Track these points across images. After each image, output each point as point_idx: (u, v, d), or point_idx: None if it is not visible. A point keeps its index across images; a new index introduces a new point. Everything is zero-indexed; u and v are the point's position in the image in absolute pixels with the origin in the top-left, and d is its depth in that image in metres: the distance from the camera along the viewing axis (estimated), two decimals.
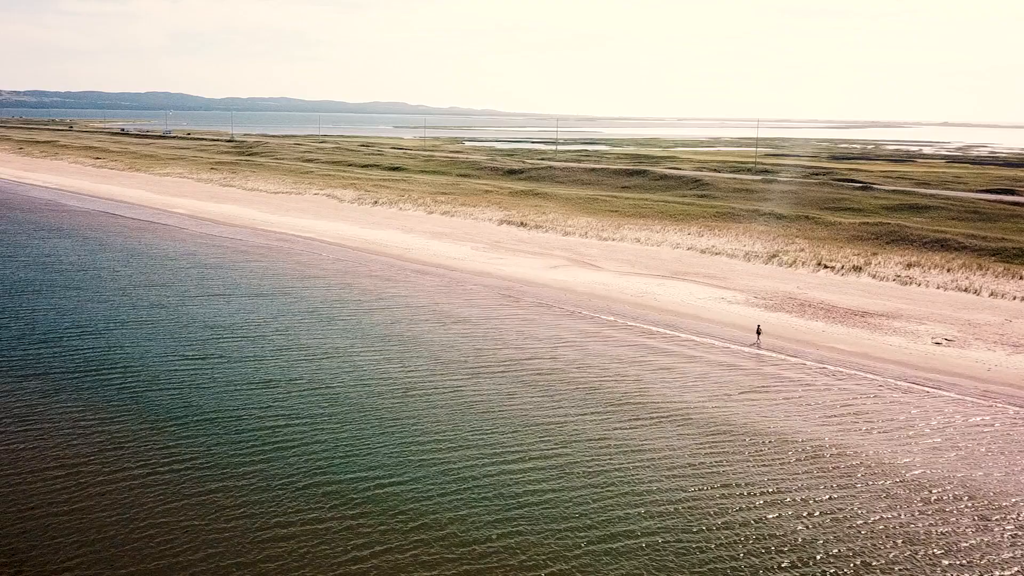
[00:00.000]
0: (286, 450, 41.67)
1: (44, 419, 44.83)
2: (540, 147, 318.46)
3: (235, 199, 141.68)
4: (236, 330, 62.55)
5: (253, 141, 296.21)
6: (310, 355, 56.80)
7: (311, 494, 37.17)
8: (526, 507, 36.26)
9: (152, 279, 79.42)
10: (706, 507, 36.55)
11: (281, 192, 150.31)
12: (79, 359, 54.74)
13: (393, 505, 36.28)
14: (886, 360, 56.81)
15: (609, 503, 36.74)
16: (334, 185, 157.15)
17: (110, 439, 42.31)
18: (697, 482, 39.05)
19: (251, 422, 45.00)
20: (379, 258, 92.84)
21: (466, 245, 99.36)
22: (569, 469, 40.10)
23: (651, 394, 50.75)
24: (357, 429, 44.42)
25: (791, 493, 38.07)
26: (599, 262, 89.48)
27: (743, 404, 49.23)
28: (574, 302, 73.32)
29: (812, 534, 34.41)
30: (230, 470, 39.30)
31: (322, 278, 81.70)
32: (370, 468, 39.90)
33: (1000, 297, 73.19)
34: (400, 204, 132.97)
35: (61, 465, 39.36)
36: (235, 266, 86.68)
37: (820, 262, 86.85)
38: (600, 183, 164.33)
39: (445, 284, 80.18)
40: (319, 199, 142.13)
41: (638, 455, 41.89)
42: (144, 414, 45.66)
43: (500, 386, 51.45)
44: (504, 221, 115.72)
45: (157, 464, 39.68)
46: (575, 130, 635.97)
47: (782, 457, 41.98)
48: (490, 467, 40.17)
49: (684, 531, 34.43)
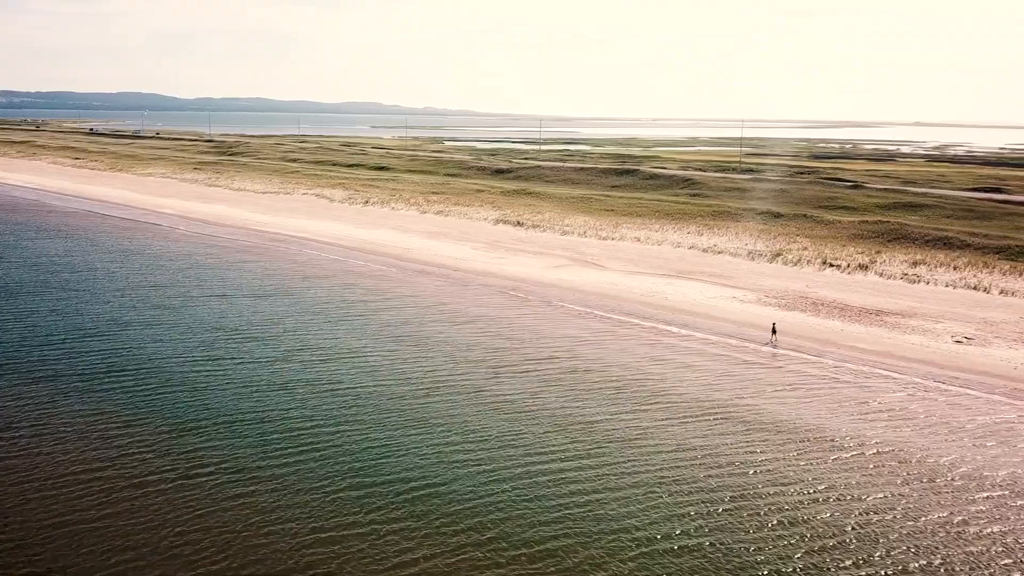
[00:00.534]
0: (314, 454, 40.41)
1: (60, 424, 43.31)
2: (521, 147, 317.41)
3: (223, 199, 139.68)
4: (246, 331, 61.11)
5: (233, 141, 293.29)
6: (324, 356, 55.49)
7: (347, 498, 35.95)
8: (570, 508, 35.22)
9: (152, 280, 77.68)
10: (762, 505, 35.68)
11: (269, 192, 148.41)
12: (92, 361, 53.14)
13: (433, 509, 35.13)
14: (909, 359, 56.24)
15: (660, 502, 35.77)
16: (322, 185, 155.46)
17: (131, 444, 40.90)
18: (747, 480, 38.23)
19: (274, 425, 43.68)
20: (379, 258, 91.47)
21: (465, 245, 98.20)
22: (611, 469, 39.11)
23: (679, 392, 49.89)
24: (384, 431, 43.21)
25: (842, 490, 37.33)
26: (602, 261, 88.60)
27: (776, 402, 48.45)
28: (583, 301, 72.37)
29: (870, 531, 33.60)
30: (260, 474, 38.01)
31: (325, 278, 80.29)
32: (404, 471, 38.74)
33: (1011, 295, 72.97)
34: (392, 204, 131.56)
35: (84, 471, 37.90)
36: (234, 267, 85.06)
37: (825, 260, 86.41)
38: (590, 182, 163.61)
39: (450, 284, 79.02)
40: (308, 199, 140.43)
41: (681, 453, 41.01)
42: (163, 418, 44.24)
43: (523, 386, 50.40)
44: (500, 221, 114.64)
45: (183, 469, 38.33)
46: (553, 130, 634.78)
47: (826, 454, 41.22)
48: (526, 468, 39.10)
49: (742, 530, 33.51)
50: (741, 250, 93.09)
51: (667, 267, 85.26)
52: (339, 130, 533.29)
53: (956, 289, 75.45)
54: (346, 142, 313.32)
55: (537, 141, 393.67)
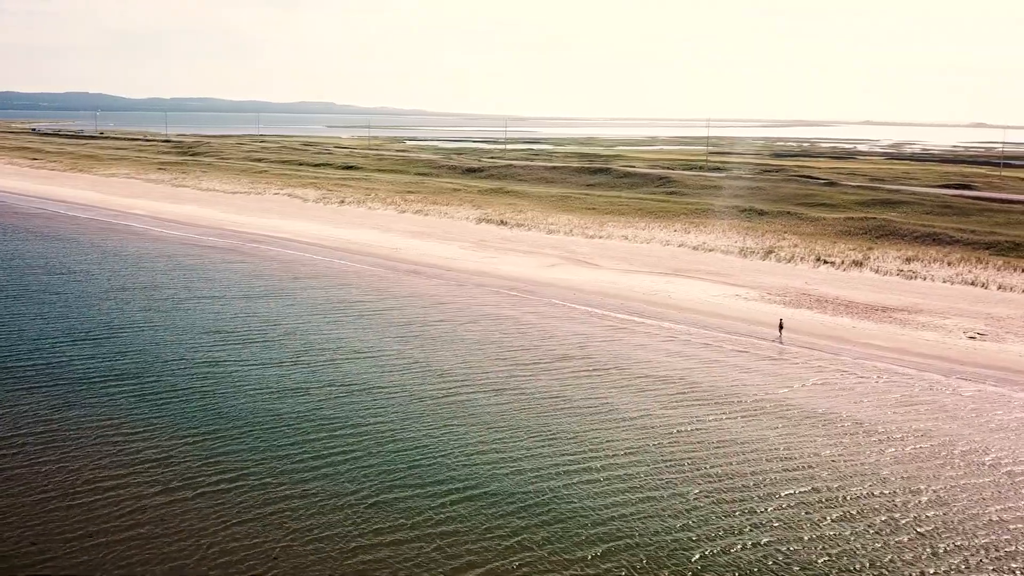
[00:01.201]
0: (343, 461, 38.73)
1: (66, 435, 41.14)
2: (484, 147, 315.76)
3: (193, 200, 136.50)
4: (248, 334, 59.10)
5: (193, 141, 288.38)
6: (332, 358, 53.73)
7: (387, 508, 34.39)
8: (630, 505, 33.96)
9: (138, 282, 75.17)
10: (837, 498, 34.80)
11: (240, 192, 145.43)
12: (98, 366, 50.89)
13: (481, 518, 33.65)
14: (926, 355, 55.89)
15: (730, 498, 34.66)
16: (293, 184, 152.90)
17: (148, 454, 38.91)
18: (816, 473, 37.39)
19: (295, 431, 41.90)
20: (366, 258, 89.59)
21: (452, 244, 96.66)
22: (669, 466, 38.00)
23: (711, 389, 49.07)
24: (410, 435, 41.63)
25: (902, 482, 36.74)
26: (595, 260, 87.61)
27: (809, 396, 47.83)
28: (586, 301, 71.28)
29: (938, 525, 32.82)
30: (290, 485, 36.23)
31: (314, 279, 78.31)
32: (441, 473, 37.27)
33: (1009, 290, 73.23)
34: (368, 203, 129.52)
35: (103, 485, 35.87)
36: (220, 268, 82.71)
37: (819, 257, 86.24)
38: (564, 181, 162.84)
39: (445, 284, 77.47)
40: (281, 199, 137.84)
41: (739, 447, 40.20)
42: (177, 427, 42.25)
43: (546, 384, 49.10)
44: (482, 220, 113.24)
45: (206, 481, 36.41)
46: (510, 130, 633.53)
47: (873, 446, 40.60)
48: (574, 470, 37.80)
49: (814, 525, 32.54)
50: (732, 247, 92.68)
51: (662, 265, 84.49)
52: (294, 130, 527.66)
53: (954, 285, 75.56)
54: (307, 142, 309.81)
55: (499, 140, 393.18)
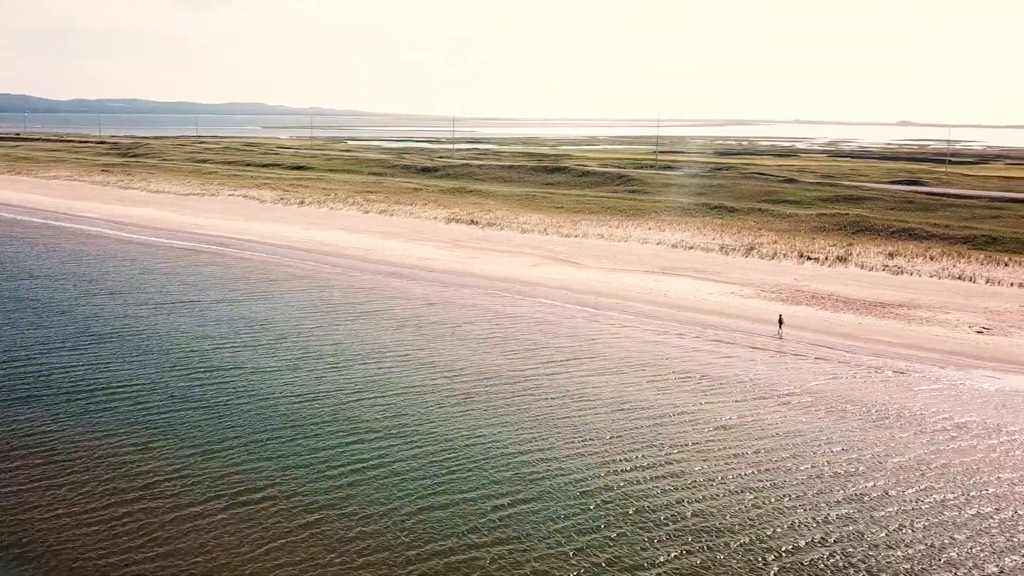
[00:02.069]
0: (371, 471, 36.58)
1: (63, 452, 38.26)
2: (430, 146, 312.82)
3: (144, 202, 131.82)
4: (240, 339, 56.26)
5: (131, 142, 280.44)
6: (337, 362, 51.30)
7: (430, 521, 32.43)
8: (688, 503, 32.44)
9: (109, 288, 71.61)
10: (913, 496, 33.65)
11: (192, 194, 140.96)
12: (94, 379, 47.77)
13: (534, 532, 31.85)
14: (939, 351, 55.43)
15: (793, 493, 33.33)
16: (246, 185, 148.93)
17: (166, 470, 36.26)
18: (885, 471, 36.16)
19: (312, 440, 39.53)
20: (341, 260, 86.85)
21: (427, 245, 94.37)
22: (728, 461, 36.47)
23: (743, 383, 47.83)
24: (436, 442, 39.59)
25: (969, 475, 35.65)
26: (577, 259, 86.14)
27: (849, 390, 46.71)
28: (578, 300, 69.69)
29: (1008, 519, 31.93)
30: (320, 498, 33.98)
31: (293, 280, 75.45)
32: (480, 487, 35.26)
33: (997, 284, 73.54)
34: (329, 204, 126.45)
35: (121, 503, 33.23)
36: (192, 272, 79.30)
37: (801, 254, 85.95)
38: (523, 180, 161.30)
39: (430, 285, 75.24)
40: (237, 200, 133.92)
41: (799, 440, 38.79)
42: (189, 439, 39.60)
43: (565, 385, 47.33)
44: (451, 219, 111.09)
45: (233, 496, 34.03)
46: (448, 129, 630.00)
47: (929, 438, 39.56)
48: (620, 473, 36.12)
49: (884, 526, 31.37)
50: (711, 245, 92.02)
51: (647, 264, 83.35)
52: (229, 131, 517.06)
53: (942, 280, 75.70)
54: (249, 142, 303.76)
55: (442, 140, 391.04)
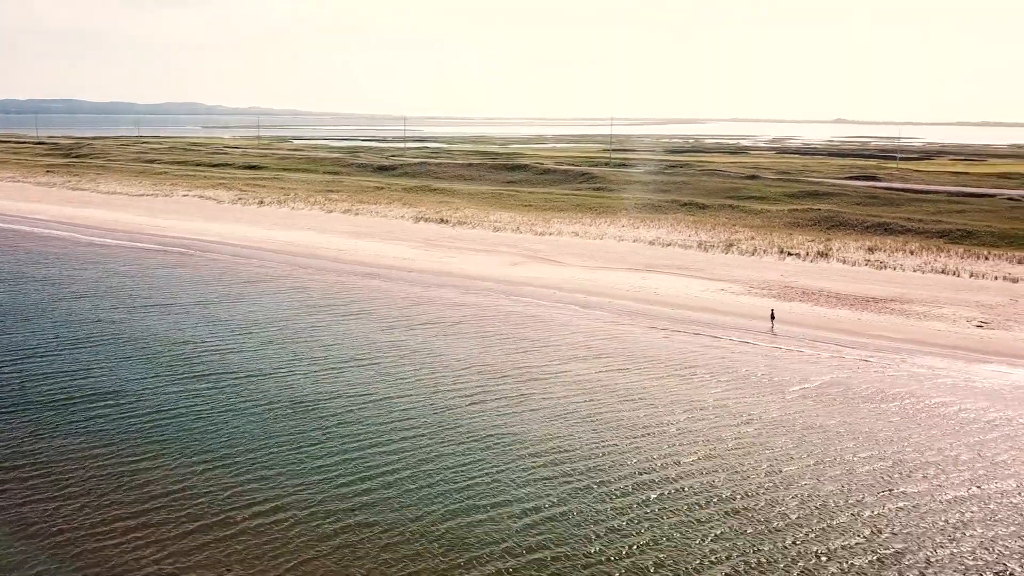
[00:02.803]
0: (393, 486, 34.43)
1: (53, 467, 35.63)
2: (381, 145, 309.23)
3: (96, 203, 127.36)
4: (219, 344, 53.64)
5: (71, 143, 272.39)
6: (333, 365, 49.01)
7: (460, 537, 30.49)
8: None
9: (75, 292, 68.27)
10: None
11: (146, 195, 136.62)
12: (74, 388, 44.92)
13: (563, 536, 30.17)
14: (944, 346, 54.90)
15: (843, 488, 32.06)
16: (201, 186, 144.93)
17: (167, 484, 33.87)
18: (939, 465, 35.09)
19: (323, 451, 37.37)
20: (314, 261, 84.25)
21: (400, 244, 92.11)
22: (789, 459, 35.12)
23: (772, 380, 46.51)
24: (462, 453, 37.61)
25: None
26: (557, 257, 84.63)
27: (884, 382, 45.75)
28: (571, 299, 68.16)
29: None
30: (343, 516, 31.86)
31: (269, 282, 72.80)
32: (514, 502, 33.44)
33: (981, 278, 73.63)
34: (290, 204, 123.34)
35: (124, 517, 30.82)
36: (162, 275, 76.09)
37: (781, 249, 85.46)
38: (483, 178, 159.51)
39: (411, 286, 73.13)
40: (193, 201, 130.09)
41: (847, 436, 37.52)
42: (190, 450, 37.18)
43: (578, 385, 45.72)
44: (420, 219, 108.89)
45: (256, 510, 31.78)
46: (394, 128, 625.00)
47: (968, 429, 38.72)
48: (664, 478, 34.58)
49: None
50: (689, 242, 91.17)
51: (628, 261, 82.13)
52: (170, 131, 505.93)
53: (926, 274, 75.59)
54: (194, 142, 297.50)
55: (388, 139, 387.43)
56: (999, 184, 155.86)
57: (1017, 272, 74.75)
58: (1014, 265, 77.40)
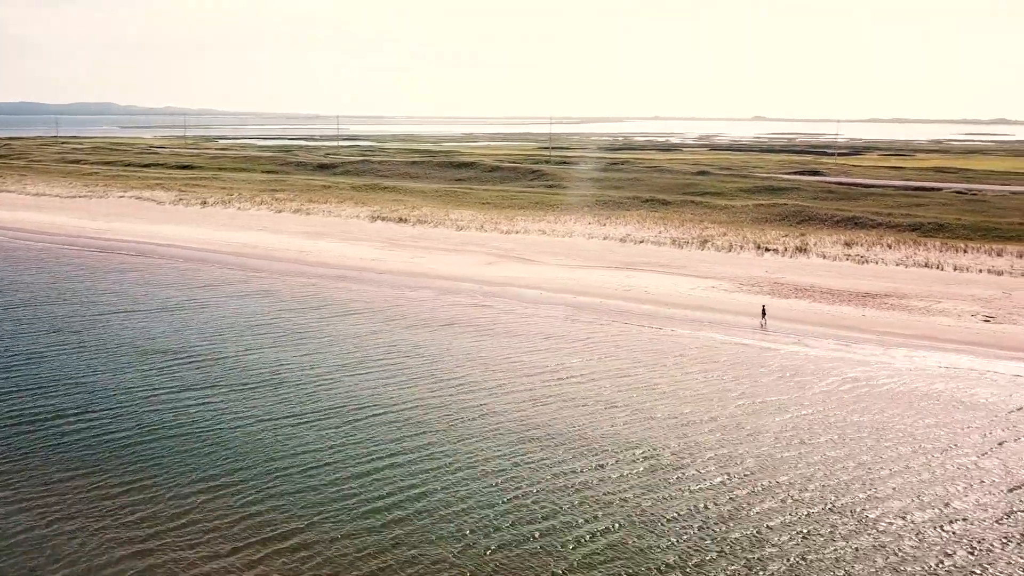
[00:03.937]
0: (410, 505, 31.23)
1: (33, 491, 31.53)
2: (313, 144, 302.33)
3: (26, 205, 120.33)
4: (194, 354, 49.45)
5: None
6: (320, 375, 45.35)
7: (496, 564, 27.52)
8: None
9: (22, 300, 63.00)
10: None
11: (79, 196, 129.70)
12: (42, 406, 40.43)
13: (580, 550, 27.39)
14: (959, 341, 53.50)
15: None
16: (136, 186, 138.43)
17: (162, 510, 30.07)
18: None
19: (334, 467, 33.87)
20: (276, 264, 79.84)
21: (362, 245, 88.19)
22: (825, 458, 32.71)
23: (798, 377, 44.20)
24: (481, 469, 34.50)
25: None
26: (530, 256, 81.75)
27: (914, 380, 43.81)
28: (557, 301, 65.29)
29: None
30: (370, 539, 28.57)
31: (232, 285, 68.46)
32: (541, 520, 30.51)
33: (966, 271, 72.96)
34: (236, 204, 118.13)
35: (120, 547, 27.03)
36: (114, 280, 71.03)
37: (758, 245, 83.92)
38: (430, 176, 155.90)
39: (389, 288, 69.46)
40: (130, 202, 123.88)
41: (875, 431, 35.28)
42: (182, 471, 33.32)
43: (595, 391, 42.88)
44: (376, 218, 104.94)
45: (277, 536, 28.27)
46: (317, 127, 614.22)
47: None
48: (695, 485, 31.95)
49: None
50: (661, 239, 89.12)
51: (605, 259, 79.69)
52: (87, 131, 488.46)
53: (909, 268, 74.74)
54: (117, 142, 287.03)
55: (315, 137, 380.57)
56: (940, 178, 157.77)
57: (999, 264, 74.32)
58: (993, 258, 76.99)
